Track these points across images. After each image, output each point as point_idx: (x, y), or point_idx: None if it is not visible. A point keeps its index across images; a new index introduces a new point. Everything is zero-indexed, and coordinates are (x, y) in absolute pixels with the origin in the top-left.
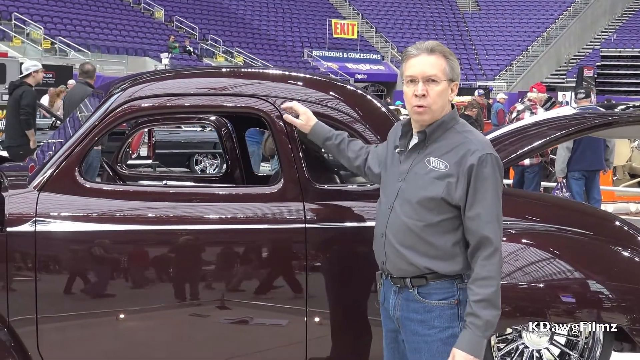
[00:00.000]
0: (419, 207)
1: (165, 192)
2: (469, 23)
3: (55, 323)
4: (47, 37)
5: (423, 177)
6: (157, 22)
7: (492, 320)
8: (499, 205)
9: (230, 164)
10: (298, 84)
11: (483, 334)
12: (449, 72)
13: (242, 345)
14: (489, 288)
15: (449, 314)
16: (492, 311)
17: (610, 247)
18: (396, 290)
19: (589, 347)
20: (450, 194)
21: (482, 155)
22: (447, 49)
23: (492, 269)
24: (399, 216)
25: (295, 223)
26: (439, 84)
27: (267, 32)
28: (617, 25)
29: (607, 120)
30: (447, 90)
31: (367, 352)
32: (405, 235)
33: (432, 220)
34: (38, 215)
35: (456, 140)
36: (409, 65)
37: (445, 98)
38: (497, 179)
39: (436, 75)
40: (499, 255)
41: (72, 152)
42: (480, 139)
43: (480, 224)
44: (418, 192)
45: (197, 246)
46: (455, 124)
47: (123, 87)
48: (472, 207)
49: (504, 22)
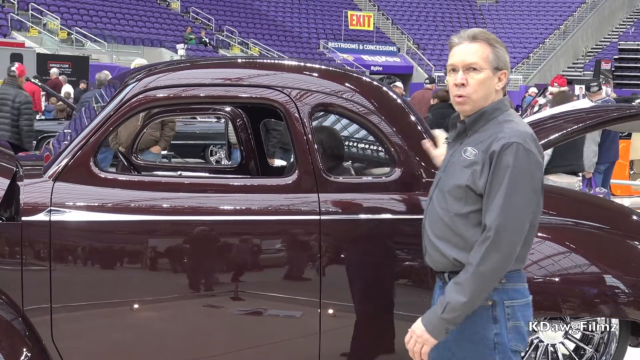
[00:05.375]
0: (448, 196)
1: (180, 183)
2: (486, 15)
3: (69, 313)
4: (64, 27)
5: (456, 166)
6: (174, 13)
7: (453, 304)
8: (516, 197)
9: (245, 155)
10: (314, 75)
11: (441, 314)
12: (493, 60)
13: (256, 336)
14: (465, 273)
15: (482, 315)
16: (457, 296)
17: (627, 242)
18: (441, 285)
19: (604, 342)
20: (475, 181)
21: (507, 143)
22: (494, 36)
23: (475, 255)
24: (435, 207)
25: (309, 214)
26: (480, 72)
27: (282, 24)
28: (635, 18)
29: (625, 113)
30: (492, 79)
31: (385, 346)
32: (439, 226)
33: (461, 211)
34: (53, 204)
35: (494, 131)
36: (451, 54)
37: (489, 87)
38: (519, 169)
39: (476, 63)
40: (490, 243)
41: (87, 142)
42: (515, 128)
43: (488, 211)
44: (450, 181)
45: (211, 237)
46: (499, 114)
47: (138, 77)
48: (488, 195)
49: (520, 15)
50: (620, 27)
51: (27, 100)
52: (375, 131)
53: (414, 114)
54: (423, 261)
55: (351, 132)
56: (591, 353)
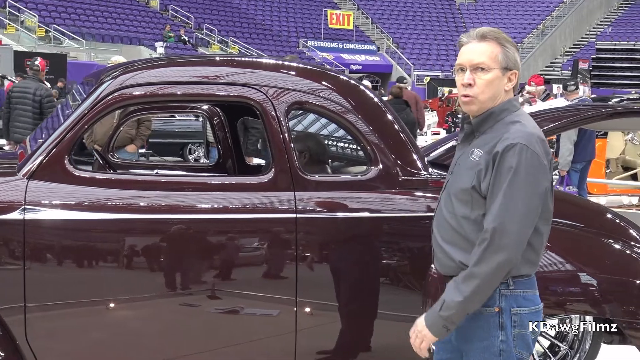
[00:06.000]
0: (455, 200)
1: (157, 181)
2: (465, 15)
3: (44, 312)
4: (42, 25)
5: (462, 168)
6: (153, 11)
7: (449, 302)
8: (517, 199)
9: (223, 153)
10: (291, 73)
11: (439, 312)
12: (503, 59)
13: (232, 335)
14: (462, 272)
15: (488, 322)
16: (454, 295)
17: (601, 240)
18: None
19: (578, 339)
20: (479, 182)
21: (510, 144)
22: (504, 35)
23: (473, 257)
24: (442, 210)
25: (286, 213)
26: (488, 72)
27: (262, 22)
28: (612, 18)
29: (601, 112)
30: (500, 79)
31: (361, 344)
32: (446, 229)
33: (469, 215)
34: (27, 203)
35: (501, 132)
36: (459, 53)
37: (498, 88)
38: (522, 170)
39: (484, 63)
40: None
41: (62, 140)
42: (521, 129)
43: (488, 212)
44: (456, 184)
45: (188, 235)
46: (507, 115)
47: (114, 75)
48: (490, 197)
49: (499, 14)
50: (598, 26)
51: (48, 94)
52: (352, 130)
53: (390, 112)
54: (400, 259)
55: (328, 130)
56: (566, 350)
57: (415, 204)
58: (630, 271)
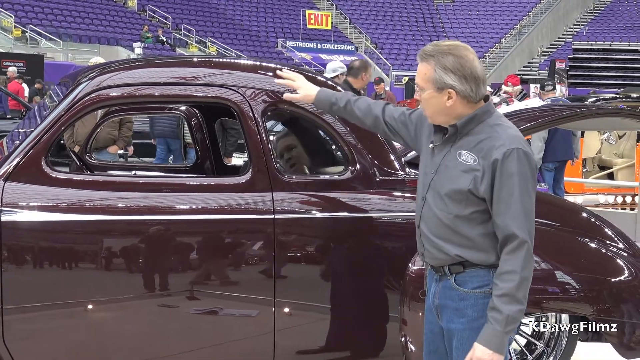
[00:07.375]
0: (447, 199)
1: (135, 182)
2: (443, 15)
3: (21, 314)
4: (18, 25)
5: (452, 169)
6: (130, 11)
7: (513, 315)
8: (528, 200)
9: (200, 154)
10: (268, 74)
11: (504, 329)
12: (436, 79)
13: (211, 335)
14: (511, 282)
15: (482, 303)
16: (513, 306)
17: (577, 239)
18: (437, 278)
19: (555, 337)
20: (476, 187)
21: (508, 150)
22: (448, 48)
23: (514, 263)
24: (431, 208)
25: (264, 213)
26: (425, 91)
27: (240, 23)
28: (589, 18)
29: (576, 112)
30: (437, 97)
31: (339, 344)
32: (438, 226)
33: (462, 213)
34: (4, 205)
35: (486, 134)
36: None
37: (438, 106)
38: (524, 173)
39: (419, 84)
40: (526, 249)
41: (39, 141)
42: (509, 133)
43: (506, 220)
44: (447, 185)
45: (167, 236)
46: (488, 117)
47: (91, 76)
48: (498, 203)
49: (477, 15)
50: (575, 27)
51: None
52: (329, 130)
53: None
54: (378, 259)
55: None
56: (542, 348)
57: (393, 203)
58: (605, 270)
